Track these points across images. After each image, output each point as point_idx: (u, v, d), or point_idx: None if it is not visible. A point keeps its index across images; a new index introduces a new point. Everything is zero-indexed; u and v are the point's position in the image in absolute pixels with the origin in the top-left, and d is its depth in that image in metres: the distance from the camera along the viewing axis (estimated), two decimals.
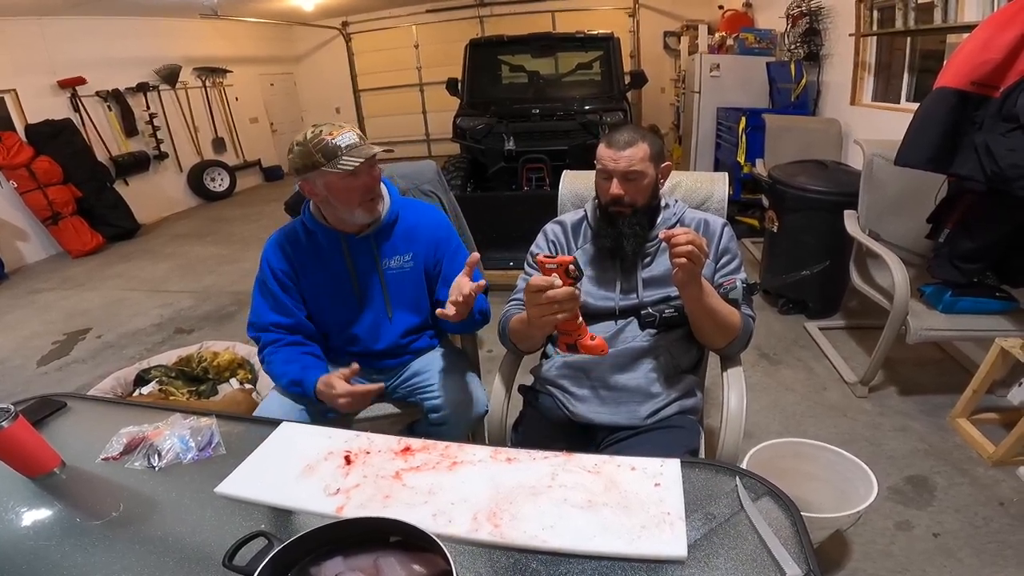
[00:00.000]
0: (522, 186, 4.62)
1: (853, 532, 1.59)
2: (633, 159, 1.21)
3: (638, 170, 1.21)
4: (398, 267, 1.44)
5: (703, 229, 1.31)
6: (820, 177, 2.81)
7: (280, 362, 1.39)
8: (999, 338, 1.85)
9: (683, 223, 1.31)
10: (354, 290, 1.43)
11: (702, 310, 1.17)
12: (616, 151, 1.22)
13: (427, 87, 8.68)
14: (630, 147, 1.21)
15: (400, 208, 1.46)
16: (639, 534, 0.77)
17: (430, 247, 1.46)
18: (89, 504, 0.92)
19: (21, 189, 4.91)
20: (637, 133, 1.24)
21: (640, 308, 1.28)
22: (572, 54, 5.58)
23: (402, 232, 1.44)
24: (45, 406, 1.17)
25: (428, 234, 1.46)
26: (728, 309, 1.21)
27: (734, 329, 1.22)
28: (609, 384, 1.26)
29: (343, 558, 0.72)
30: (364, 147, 1.25)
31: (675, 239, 1.04)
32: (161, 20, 6.42)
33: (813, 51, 4.07)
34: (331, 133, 1.23)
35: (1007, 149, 1.64)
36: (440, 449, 0.98)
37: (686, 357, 1.31)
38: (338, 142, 1.22)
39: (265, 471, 0.95)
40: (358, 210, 1.32)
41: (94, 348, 3.27)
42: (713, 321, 1.20)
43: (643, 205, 1.26)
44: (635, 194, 1.24)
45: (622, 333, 1.29)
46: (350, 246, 1.40)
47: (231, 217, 6.30)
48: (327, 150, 1.22)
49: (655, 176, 1.26)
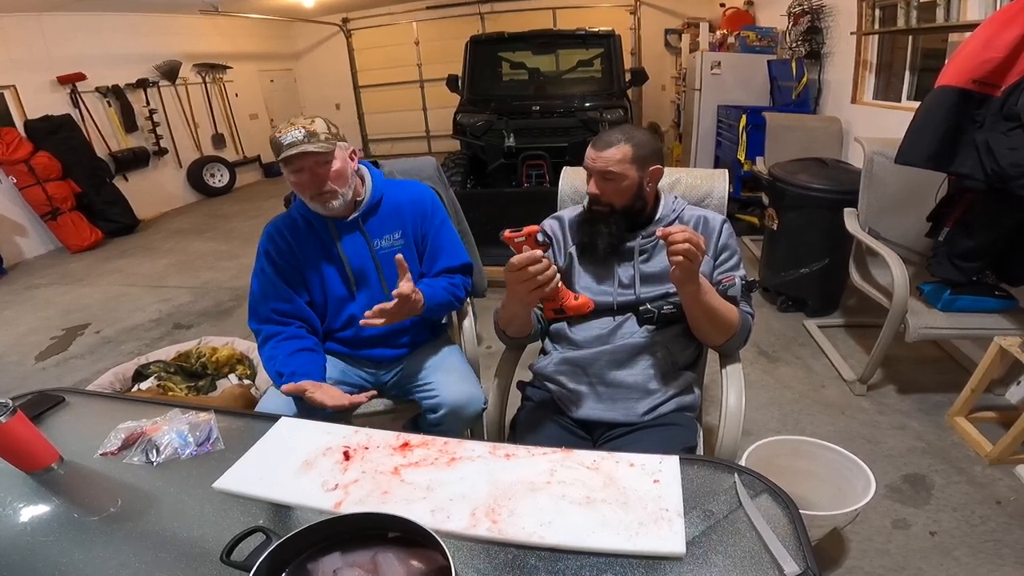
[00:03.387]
0: (522, 183, 4.61)
1: (851, 530, 1.60)
2: (610, 160, 1.21)
3: (614, 171, 1.21)
4: (389, 246, 1.48)
5: (702, 226, 1.30)
6: (820, 175, 2.80)
7: (280, 359, 1.38)
8: (998, 337, 1.85)
9: (682, 220, 1.30)
10: (347, 272, 1.46)
11: (700, 308, 1.17)
12: (596, 151, 1.23)
13: (427, 84, 8.65)
14: (609, 148, 1.21)
15: (384, 188, 1.50)
16: (637, 531, 0.77)
17: (416, 221, 1.51)
18: (87, 499, 0.92)
19: (20, 184, 4.90)
20: (623, 135, 1.23)
21: (638, 304, 1.28)
22: (573, 51, 5.56)
23: (388, 211, 1.49)
24: (43, 401, 1.17)
25: (414, 209, 1.51)
26: (727, 307, 1.20)
27: (732, 326, 1.22)
28: (607, 380, 1.26)
29: (341, 554, 0.72)
30: (297, 145, 1.27)
31: (672, 237, 1.04)
32: (161, 16, 6.40)
33: (814, 49, 4.06)
34: (281, 131, 1.29)
35: (1008, 148, 1.64)
36: (439, 445, 0.98)
37: (684, 354, 1.30)
38: (282, 139, 1.28)
39: (263, 466, 0.95)
40: (312, 202, 1.38)
41: (92, 344, 3.27)
42: (711, 319, 1.19)
43: (622, 206, 1.26)
44: (612, 195, 1.24)
45: (620, 329, 1.29)
46: (339, 230, 1.44)
47: (230, 213, 6.29)
48: (275, 145, 1.30)
49: (637, 179, 1.23)
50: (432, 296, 1.42)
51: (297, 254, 1.45)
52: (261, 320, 1.44)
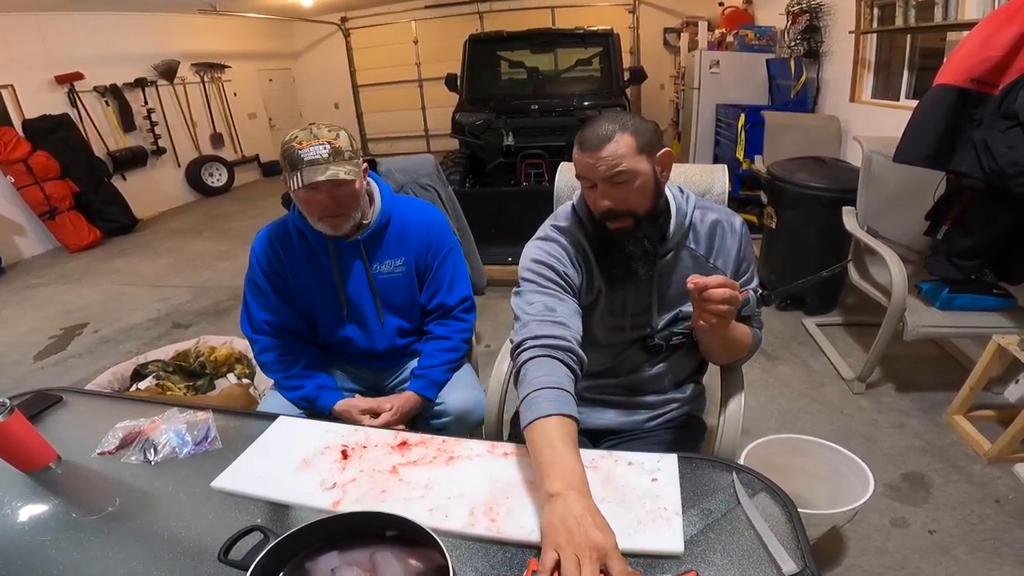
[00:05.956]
0: (520, 182, 4.62)
1: (849, 528, 1.60)
2: (615, 157, 0.94)
3: (626, 169, 0.94)
4: (389, 272, 1.39)
5: (718, 236, 1.10)
6: (819, 174, 2.81)
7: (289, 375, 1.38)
8: (996, 335, 1.85)
9: (695, 230, 1.10)
10: (340, 295, 1.38)
11: (719, 343, 1.07)
12: (591, 152, 0.95)
13: (426, 83, 8.64)
14: (607, 144, 0.94)
15: (392, 209, 1.39)
16: (636, 529, 0.77)
17: (421, 250, 1.41)
18: (85, 499, 0.92)
19: (18, 184, 4.89)
20: (615, 123, 0.95)
21: (650, 335, 1.15)
22: (571, 50, 5.56)
23: (393, 236, 1.39)
24: (41, 400, 1.17)
25: (420, 237, 1.41)
26: (743, 332, 1.08)
27: (745, 350, 1.13)
28: (610, 403, 1.24)
29: (339, 553, 0.72)
30: (322, 166, 1.17)
31: (710, 294, 0.87)
32: (159, 16, 6.39)
33: (813, 48, 4.06)
34: (302, 143, 1.17)
35: (1006, 146, 1.64)
36: (437, 444, 0.98)
37: (689, 368, 1.26)
38: (302, 154, 1.16)
39: (261, 465, 0.95)
40: (319, 223, 1.27)
41: (91, 343, 3.26)
42: (727, 349, 1.11)
43: (646, 212, 1.00)
44: (631, 201, 0.98)
45: (623, 363, 1.19)
46: (338, 250, 1.35)
47: (229, 212, 6.29)
48: (292, 159, 1.18)
49: (652, 170, 0.98)
50: (438, 379, 1.40)
51: (288, 268, 1.37)
52: (256, 330, 1.41)
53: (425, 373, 1.40)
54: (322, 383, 1.37)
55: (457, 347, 1.45)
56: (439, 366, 1.41)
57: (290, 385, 1.37)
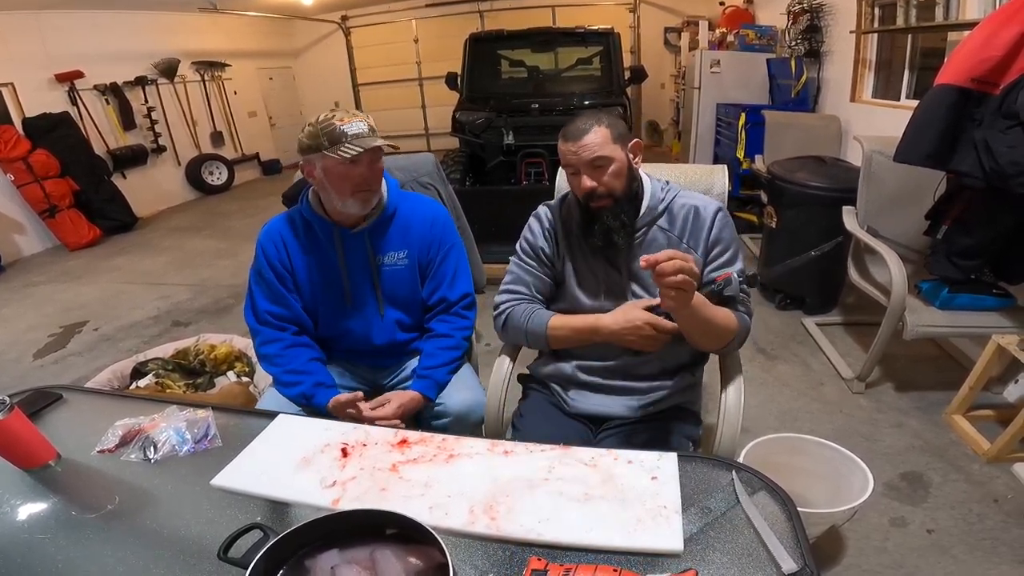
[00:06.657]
0: (520, 180, 4.61)
1: (848, 527, 1.60)
2: (594, 144, 1.12)
3: (604, 155, 1.13)
4: (392, 264, 1.41)
5: (692, 219, 1.20)
6: (819, 173, 2.81)
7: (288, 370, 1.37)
8: (995, 335, 1.85)
9: (671, 212, 1.21)
10: (344, 285, 1.41)
11: (695, 324, 1.09)
12: (574, 142, 1.14)
13: (426, 82, 8.63)
14: (587, 135, 1.13)
15: (398, 202, 1.42)
16: (635, 527, 0.77)
17: (424, 245, 1.43)
18: (85, 497, 0.92)
19: (18, 182, 4.89)
20: (592, 118, 1.15)
21: None
22: (572, 49, 5.55)
23: (398, 228, 1.41)
24: (41, 398, 1.17)
25: (424, 231, 1.43)
26: (723, 315, 1.11)
27: (729, 334, 1.14)
28: (605, 387, 1.26)
29: (339, 551, 0.72)
30: (369, 138, 1.24)
31: (660, 268, 0.92)
32: (160, 14, 6.38)
33: (814, 48, 4.06)
34: (342, 120, 1.23)
35: (1006, 146, 1.64)
36: (437, 442, 0.98)
37: (681, 357, 1.27)
38: (345, 129, 1.22)
39: (261, 463, 0.95)
40: (350, 199, 1.30)
41: (91, 341, 3.26)
42: (705, 332, 1.12)
43: (623, 191, 1.17)
44: (609, 182, 1.15)
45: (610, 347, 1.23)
46: (344, 240, 1.38)
47: (229, 211, 6.28)
48: (333, 135, 1.22)
49: (625, 157, 1.17)
50: (441, 380, 1.40)
51: (293, 259, 1.39)
52: (260, 321, 1.41)
53: (429, 374, 1.40)
54: (320, 380, 1.36)
55: (458, 345, 1.45)
56: (442, 366, 1.41)
57: (288, 380, 1.36)
